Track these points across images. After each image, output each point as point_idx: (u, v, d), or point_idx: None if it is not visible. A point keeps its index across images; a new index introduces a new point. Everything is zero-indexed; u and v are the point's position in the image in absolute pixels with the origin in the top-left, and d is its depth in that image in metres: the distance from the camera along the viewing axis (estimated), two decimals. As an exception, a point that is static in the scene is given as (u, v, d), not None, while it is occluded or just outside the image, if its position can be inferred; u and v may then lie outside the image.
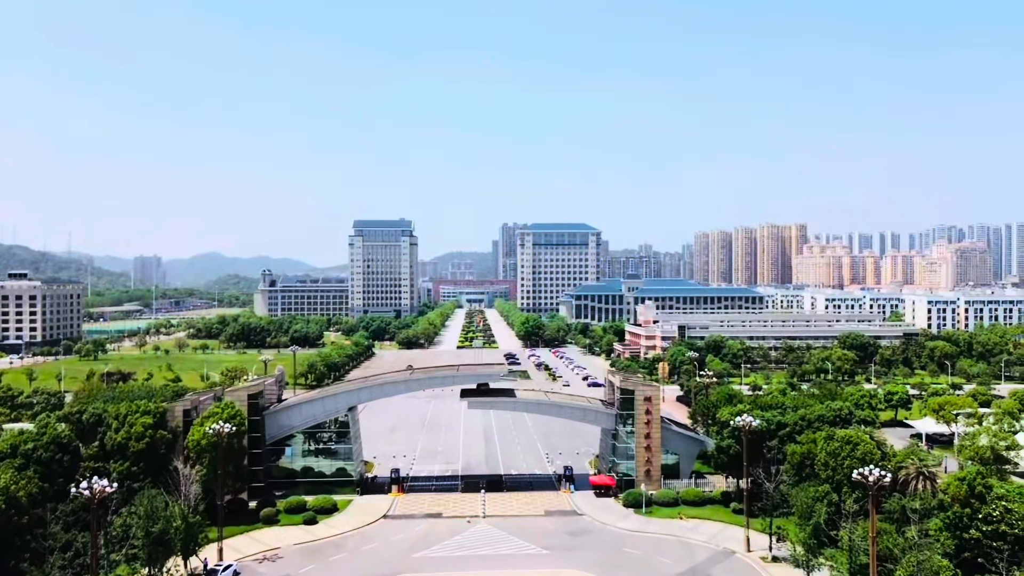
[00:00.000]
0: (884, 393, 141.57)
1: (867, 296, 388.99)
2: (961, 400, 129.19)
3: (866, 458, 71.01)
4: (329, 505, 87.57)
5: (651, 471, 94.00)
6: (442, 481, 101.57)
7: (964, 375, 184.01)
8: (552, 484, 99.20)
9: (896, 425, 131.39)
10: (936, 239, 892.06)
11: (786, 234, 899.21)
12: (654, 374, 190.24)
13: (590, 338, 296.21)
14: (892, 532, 61.26)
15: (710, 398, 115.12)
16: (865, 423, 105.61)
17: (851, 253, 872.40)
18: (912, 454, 78.00)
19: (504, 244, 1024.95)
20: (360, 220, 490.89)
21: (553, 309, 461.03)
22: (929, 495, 68.83)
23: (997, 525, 58.50)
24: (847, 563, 59.97)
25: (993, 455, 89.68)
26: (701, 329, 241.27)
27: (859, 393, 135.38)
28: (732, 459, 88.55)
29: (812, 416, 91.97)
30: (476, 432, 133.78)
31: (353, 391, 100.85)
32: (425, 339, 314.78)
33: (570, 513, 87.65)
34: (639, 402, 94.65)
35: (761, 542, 74.59)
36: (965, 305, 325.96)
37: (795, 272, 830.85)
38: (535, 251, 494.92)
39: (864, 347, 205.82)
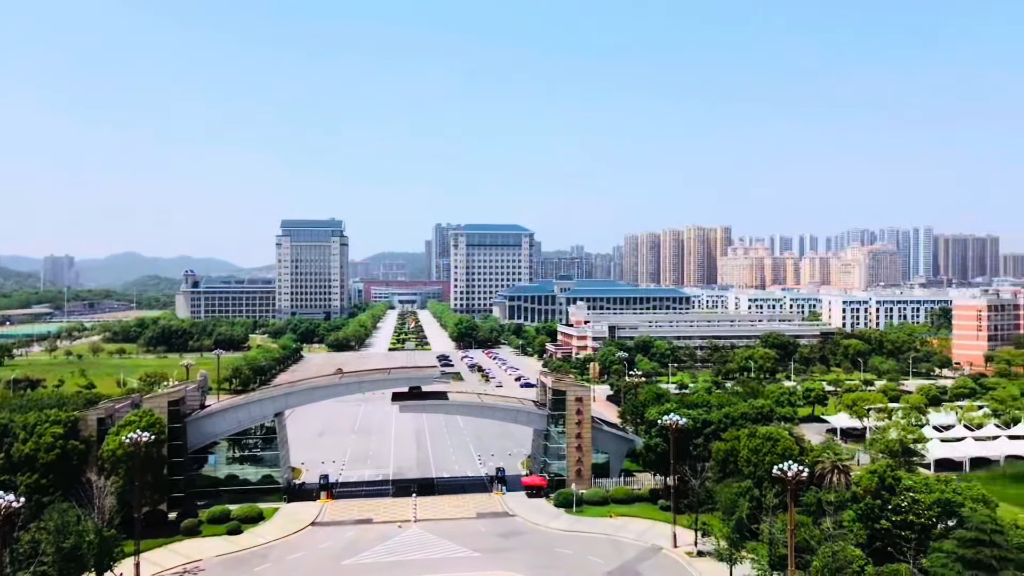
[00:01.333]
0: (803, 390, 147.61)
1: (787, 296, 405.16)
2: (872, 396, 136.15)
3: (786, 454, 73.89)
4: (254, 514, 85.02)
5: (582, 470, 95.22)
6: (372, 486, 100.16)
7: (876, 372, 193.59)
8: (484, 486, 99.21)
9: (814, 421, 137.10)
10: (850, 242, 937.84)
11: (712, 236, 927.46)
12: (585, 374, 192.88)
13: (523, 339, 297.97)
14: (809, 524, 63.86)
15: (639, 397, 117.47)
16: (785, 420, 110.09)
17: (772, 255, 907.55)
18: (828, 449, 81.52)
19: (437, 245, 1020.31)
20: (288, 220, 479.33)
21: (486, 310, 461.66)
22: (843, 488, 72.06)
23: (905, 515, 61.77)
24: (767, 555, 62.19)
25: (902, 448, 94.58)
26: (631, 329, 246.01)
27: (780, 390, 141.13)
28: (660, 457, 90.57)
29: (736, 414, 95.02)
30: (408, 436, 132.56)
31: (280, 396, 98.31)
32: (356, 341, 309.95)
33: (502, 515, 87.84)
34: (570, 402, 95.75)
35: (687, 538, 76.53)
36: (876, 305, 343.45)
37: (720, 273, 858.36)
38: (468, 252, 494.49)
39: (784, 346, 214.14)
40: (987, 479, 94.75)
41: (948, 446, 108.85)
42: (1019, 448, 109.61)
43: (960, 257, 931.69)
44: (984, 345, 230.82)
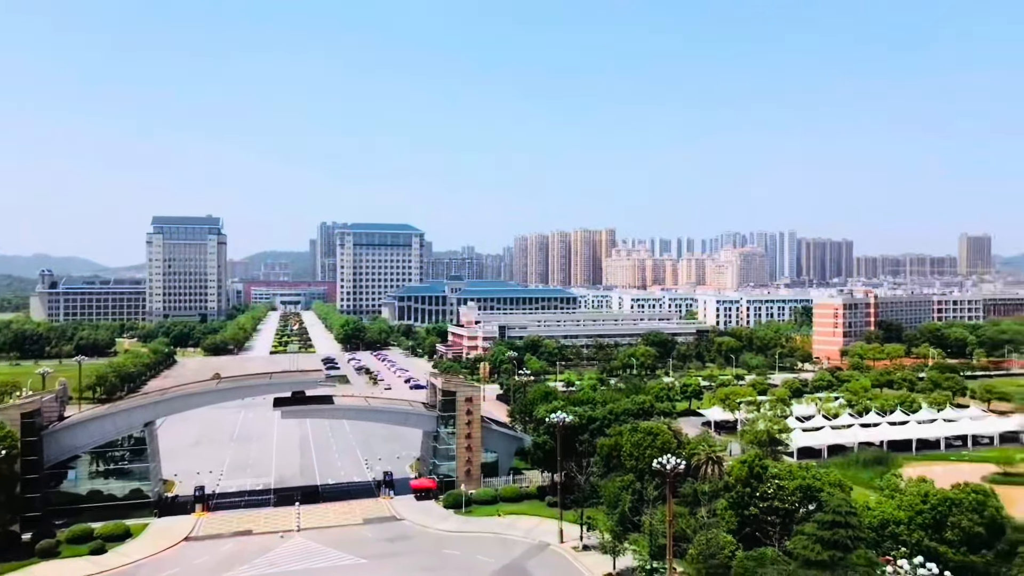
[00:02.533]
0: (681, 386, 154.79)
1: (667, 296, 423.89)
2: (743, 390, 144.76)
3: (665, 447, 77.17)
4: (121, 531, 79.31)
5: (471, 471, 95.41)
6: (253, 496, 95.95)
7: (746, 367, 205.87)
8: (372, 491, 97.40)
9: (690, 415, 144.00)
10: (723, 244, 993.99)
11: (597, 238, 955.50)
12: (476, 374, 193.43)
13: (413, 340, 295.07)
14: (686, 514, 67.03)
15: (528, 396, 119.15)
16: (665, 414, 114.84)
17: (653, 256, 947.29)
18: (703, 441, 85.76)
19: (323, 244, 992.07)
20: (161, 216, 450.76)
21: (375, 311, 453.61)
22: (717, 478, 76.05)
23: (772, 501, 65.99)
24: (648, 546, 64.71)
25: (769, 438, 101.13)
26: (520, 329, 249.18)
27: (660, 386, 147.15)
28: (548, 454, 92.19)
29: (619, 410, 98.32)
30: (291, 442, 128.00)
31: (150, 404, 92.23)
32: (235, 345, 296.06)
33: (390, 519, 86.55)
34: (460, 403, 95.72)
35: (574, 533, 78.33)
36: (747, 304, 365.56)
37: (605, 274, 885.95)
38: (356, 251, 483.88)
39: (664, 343, 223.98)
40: (842, 465, 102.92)
41: (809, 435, 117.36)
42: (869, 435, 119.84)
43: (820, 259, 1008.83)
44: (840, 341, 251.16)
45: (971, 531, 55.18)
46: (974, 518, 55.64)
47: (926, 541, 56.07)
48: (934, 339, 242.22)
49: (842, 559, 53.52)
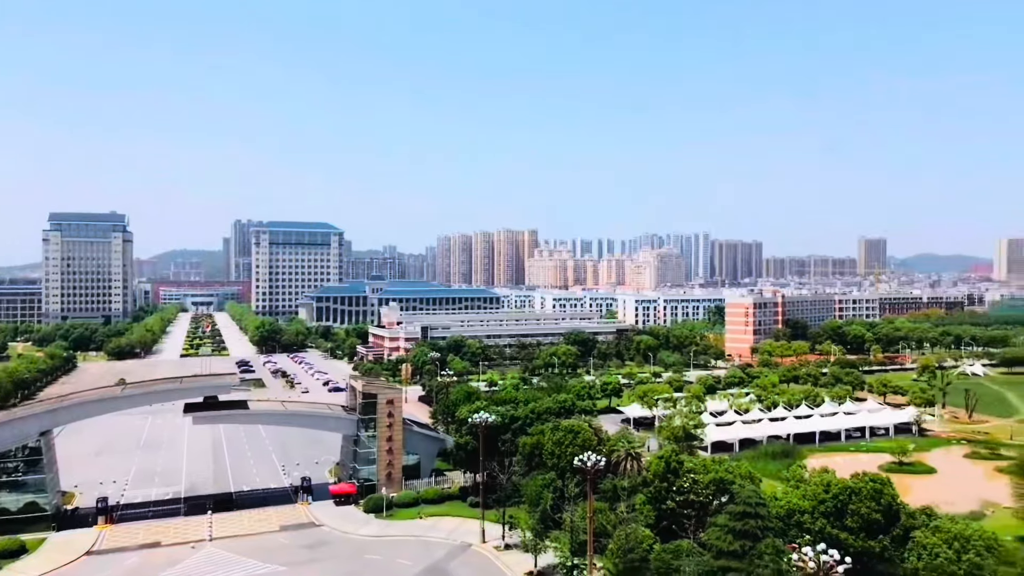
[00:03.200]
0: (601, 383, 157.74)
1: (588, 296, 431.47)
2: (660, 387, 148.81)
3: (586, 445, 78.47)
4: (16, 547, 74.26)
5: (393, 474, 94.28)
6: (161, 506, 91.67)
7: (664, 365, 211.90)
8: (289, 497, 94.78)
9: (611, 412, 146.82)
10: (642, 246, 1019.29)
11: (520, 239, 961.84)
12: (397, 375, 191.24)
13: (332, 341, 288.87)
14: (606, 510, 68.32)
15: (450, 397, 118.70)
16: (585, 412, 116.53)
17: (575, 257, 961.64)
18: (623, 438, 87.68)
19: (237, 242, 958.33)
20: (58, 212, 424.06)
21: (292, 312, 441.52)
22: (636, 473, 78.01)
23: (687, 495, 68.12)
24: (569, 543, 65.60)
25: (685, 434, 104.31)
26: (443, 329, 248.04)
27: (581, 385, 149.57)
28: (470, 455, 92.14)
29: (541, 409, 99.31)
30: (202, 449, 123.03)
31: (46, 413, 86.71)
32: (142, 348, 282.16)
33: (308, 525, 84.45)
34: (381, 405, 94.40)
35: (496, 532, 78.54)
36: (664, 303, 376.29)
37: (528, 274, 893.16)
38: (272, 250, 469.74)
39: (585, 342, 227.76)
40: (753, 458, 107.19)
41: (722, 430, 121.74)
42: (777, 429, 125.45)
43: (732, 260, 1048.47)
44: (751, 339, 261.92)
45: (869, 518, 58.52)
46: (872, 505, 59.02)
47: (828, 528, 59.07)
48: (835, 336, 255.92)
49: (752, 548, 55.74)
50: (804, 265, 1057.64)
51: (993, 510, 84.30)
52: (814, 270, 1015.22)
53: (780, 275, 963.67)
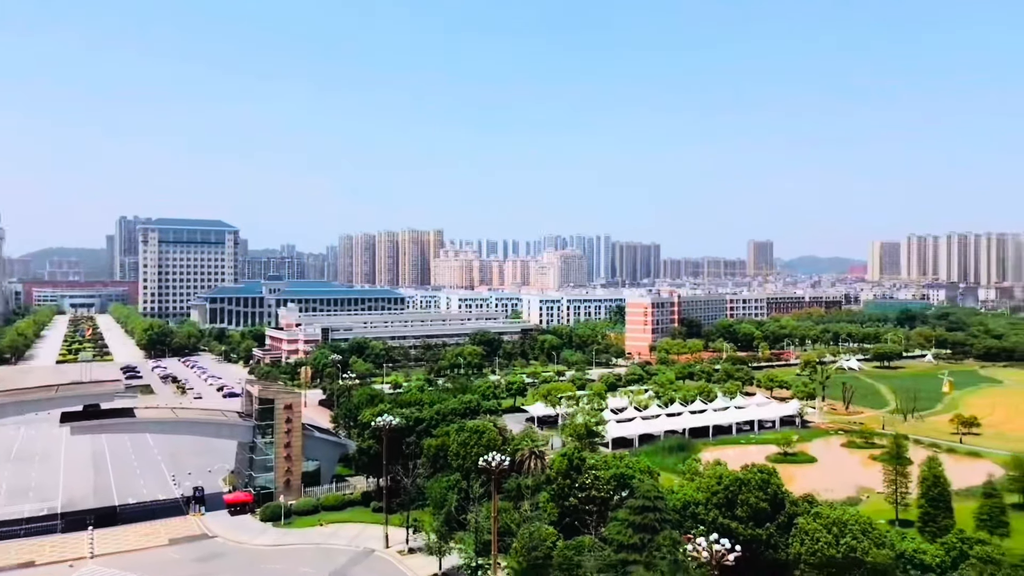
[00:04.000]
0: (506, 383, 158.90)
1: (493, 296, 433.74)
2: (564, 386, 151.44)
3: (490, 445, 78.78)
4: None
5: (291, 480, 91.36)
6: (35, 523, 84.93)
7: (567, 363, 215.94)
8: (180, 509, 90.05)
9: (515, 411, 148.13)
10: (546, 247, 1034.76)
11: (425, 239, 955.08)
12: (296, 379, 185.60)
13: (227, 344, 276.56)
14: (510, 509, 68.89)
15: (353, 400, 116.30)
16: (491, 412, 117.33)
17: (480, 257, 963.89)
18: (527, 437, 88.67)
19: (122, 240, 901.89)
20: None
21: (183, 314, 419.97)
22: (540, 472, 79.02)
23: (589, 491, 69.59)
24: (473, 543, 65.68)
25: (587, 431, 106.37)
26: (345, 331, 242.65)
27: (486, 385, 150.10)
28: (373, 459, 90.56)
29: (446, 410, 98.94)
30: (83, 460, 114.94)
31: (-101, 426, 78.57)
32: (12, 354, 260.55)
33: (200, 537, 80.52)
34: (279, 411, 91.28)
35: (400, 536, 77.53)
36: (568, 303, 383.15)
37: (433, 274, 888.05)
38: (161, 249, 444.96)
39: (491, 342, 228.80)
40: (651, 452, 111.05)
41: (622, 426, 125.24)
42: (674, 424, 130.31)
43: (632, 261, 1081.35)
44: (650, 337, 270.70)
45: (757, 507, 61.69)
46: (760, 495, 62.26)
47: (721, 519, 61.85)
48: (727, 334, 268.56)
49: (651, 541, 57.60)
50: (699, 266, 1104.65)
51: (868, 495, 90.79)
52: (708, 271, 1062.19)
53: (677, 276, 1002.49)
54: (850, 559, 53.26)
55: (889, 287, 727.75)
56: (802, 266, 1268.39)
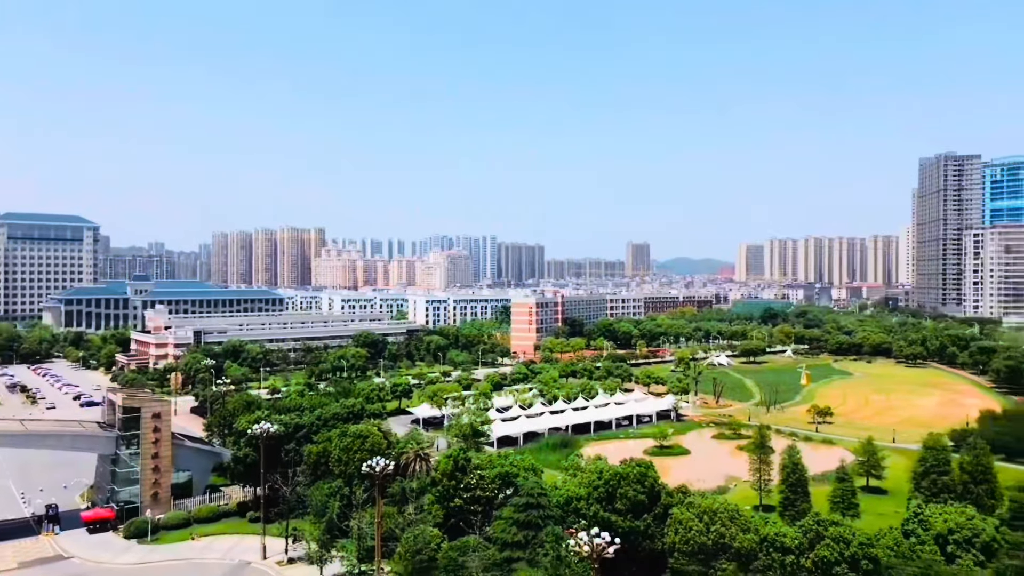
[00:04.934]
0: (391, 385, 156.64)
1: (378, 297, 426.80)
2: (450, 387, 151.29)
3: (374, 449, 77.42)
4: None
5: (159, 494, 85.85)
6: None
7: (453, 364, 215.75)
8: (31, 529, 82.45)
9: (401, 413, 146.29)
10: (432, 247, 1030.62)
11: (306, 238, 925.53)
12: (166, 386, 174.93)
13: (85, 350, 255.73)
14: (395, 513, 67.97)
15: (227, 407, 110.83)
16: (375, 416, 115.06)
17: (364, 257, 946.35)
18: (412, 440, 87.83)
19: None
20: None
21: (35, 316, 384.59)
22: (425, 474, 78.47)
23: (474, 491, 69.81)
24: (356, 550, 64.32)
25: (472, 431, 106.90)
26: (219, 334, 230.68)
27: (370, 387, 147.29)
28: (250, 467, 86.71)
29: (328, 415, 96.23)
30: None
31: None
32: None
33: (54, 559, 74.06)
34: (146, 420, 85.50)
35: (279, 547, 74.61)
36: (454, 304, 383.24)
37: (315, 274, 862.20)
38: (9, 246, 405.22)
39: (375, 344, 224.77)
40: (535, 450, 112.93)
41: (507, 425, 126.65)
42: (558, 421, 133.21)
43: (517, 262, 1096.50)
44: (534, 336, 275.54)
45: (636, 500, 64.14)
46: (638, 488, 64.76)
47: (602, 512, 63.79)
48: (608, 333, 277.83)
49: (535, 537, 58.66)
50: (581, 267, 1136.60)
51: (735, 483, 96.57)
52: (589, 272, 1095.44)
53: (560, 276, 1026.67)
54: (719, 545, 56.45)
55: (754, 287, 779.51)
56: (677, 267, 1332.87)
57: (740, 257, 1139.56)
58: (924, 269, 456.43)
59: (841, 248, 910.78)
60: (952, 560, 53.43)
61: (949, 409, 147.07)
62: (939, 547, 55.12)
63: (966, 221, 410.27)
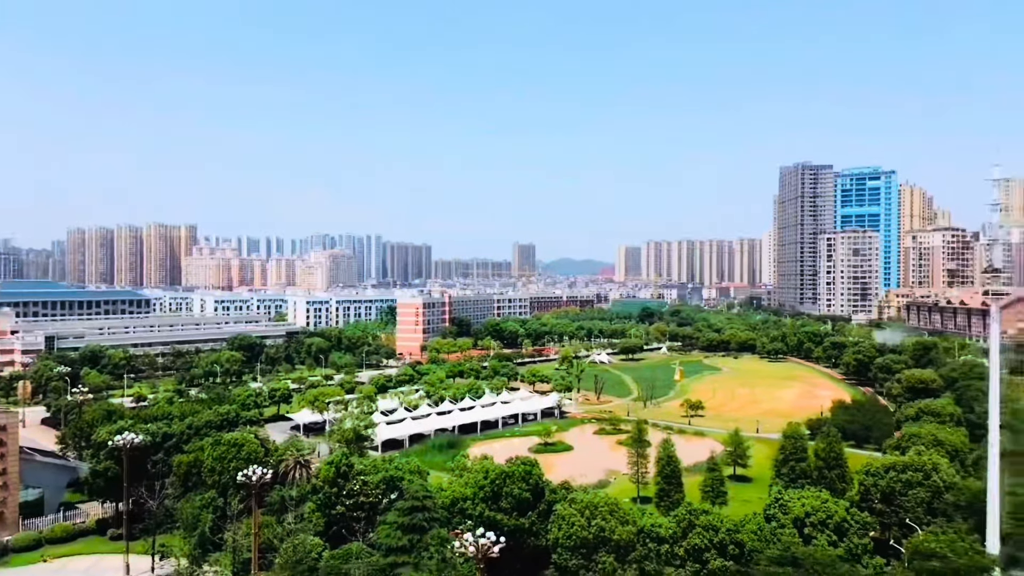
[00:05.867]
0: (269, 390, 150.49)
1: (255, 298, 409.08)
2: (332, 391, 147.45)
3: (251, 458, 74.10)
4: None
5: (5, 514, 78.27)
6: None
7: (336, 367, 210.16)
8: None
9: (280, 420, 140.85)
10: (313, 245, 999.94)
11: (176, 235, 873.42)
12: (12, 395, 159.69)
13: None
14: (273, 523, 65.29)
15: (85, 417, 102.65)
16: (252, 423, 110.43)
17: (240, 256, 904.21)
18: (291, 446, 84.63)
19: None
20: None
21: None
22: (305, 482, 75.87)
23: (358, 497, 68.29)
24: (231, 563, 61.25)
25: (356, 435, 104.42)
26: (75, 339, 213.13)
27: (247, 393, 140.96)
28: (111, 481, 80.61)
29: (200, 423, 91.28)
30: None
31: None
32: None
33: None
34: (-13, 434, 77.57)
35: (144, 565, 69.87)
36: (337, 304, 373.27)
37: (185, 274, 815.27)
38: None
39: (252, 347, 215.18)
40: (421, 452, 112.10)
41: (392, 428, 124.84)
42: (444, 422, 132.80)
43: (404, 262, 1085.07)
44: (421, 337, 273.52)
45: (520, 498, 64.98)
46: (523, 486, 65.63)
47: (487, 512, 64.14)
48: (495, 333, 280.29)
49: (420, 541, 58.12)
50: (468, 267, 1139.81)
51: (615, 477, 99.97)
52: (477, 272, 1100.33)
53: (448, 277, 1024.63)
54: (600, 538, 58.19)
55: (632, 287, 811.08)
56: (560, 268, 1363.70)
57: (619, 258, 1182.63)
58: (784, 270, 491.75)
59: (711, 250, 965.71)
60: (808, 541, 57.66)
61: (806, 400, 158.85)
62: (797, 529, 59.36)
63: (820, 226, 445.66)
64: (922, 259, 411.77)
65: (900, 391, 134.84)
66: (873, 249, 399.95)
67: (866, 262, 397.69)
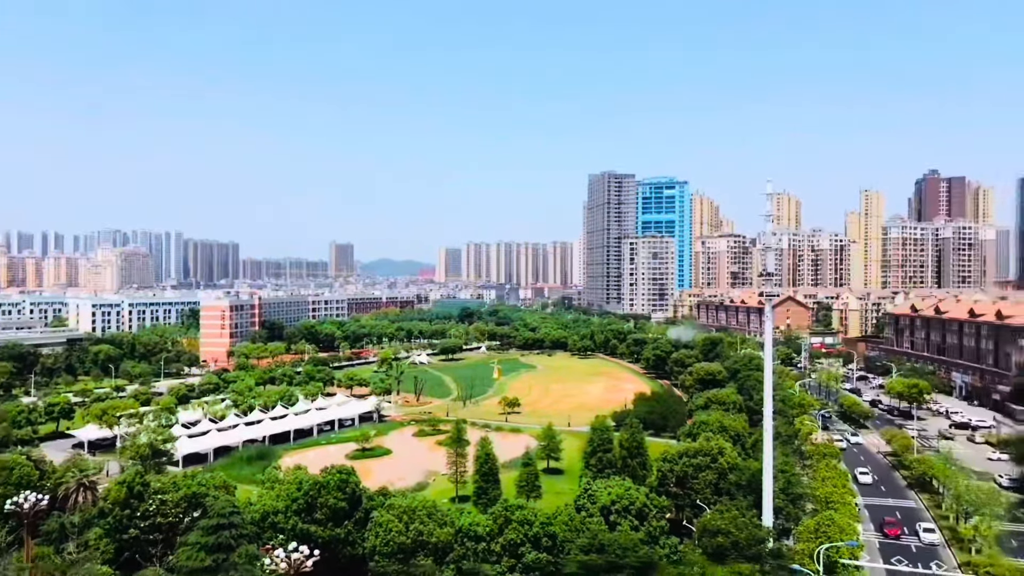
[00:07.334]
0: (46, 406, 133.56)
1: (28, 300, 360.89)
2: (124, 403, 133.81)
3: (23, 482, 65.54)
4: None
5: None
6: None
7: (128, 377, 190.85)
8: None
9: (59, 437, 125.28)
10: (101, 242, 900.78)
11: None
12: None
13: None
14: (51, 554, 58.08)
15: None
16: (24, 443, 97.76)
17: (9, 253, 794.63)
18: (73, 467, 75.79)
19: None
20: None
21: None
22: (91, 505, 68.22)
23: (154, 518, 62.55)
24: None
25: (152, 451, 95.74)
26: None
27: (18, 409, 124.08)
28: None
29: (-45, 447, 78.65)
30: None
31: None
32: None
33: None
34: None
35: None
36: (129, 307, 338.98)
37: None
38: None
39: (24, 357, 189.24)
40: (228, 466, 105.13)
41: (195, 441, 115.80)
42: (253, 432, 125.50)
43: (208, 261, 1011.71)
44: (228, 342, 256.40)
45: (336, 507, 63.08)
46: (338, 495, 63.74)
47: (301, 524, 61.58)
48: (310, 336, 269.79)
49: (226, 560, 54.41)
50: (281, 267, 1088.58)
51: (435, 478, 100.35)
52: (290, 272, 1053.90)
53: (258, 277, 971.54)
54: (418, 542, 58.13)
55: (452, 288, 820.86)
56: (380, 268, 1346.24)
57: (440, 259, 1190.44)
58: (592, 272, 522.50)
59: (528, 252, 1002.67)
60: (614, 527, 61.59)
61: (613, 394, 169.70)
62: (604, 517, 63.21)
63: (624, 231, 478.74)
64: (710, 262, 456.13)
65: (692, 383, 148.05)
66: (669, 253, 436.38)
67: (663, 265, 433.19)
